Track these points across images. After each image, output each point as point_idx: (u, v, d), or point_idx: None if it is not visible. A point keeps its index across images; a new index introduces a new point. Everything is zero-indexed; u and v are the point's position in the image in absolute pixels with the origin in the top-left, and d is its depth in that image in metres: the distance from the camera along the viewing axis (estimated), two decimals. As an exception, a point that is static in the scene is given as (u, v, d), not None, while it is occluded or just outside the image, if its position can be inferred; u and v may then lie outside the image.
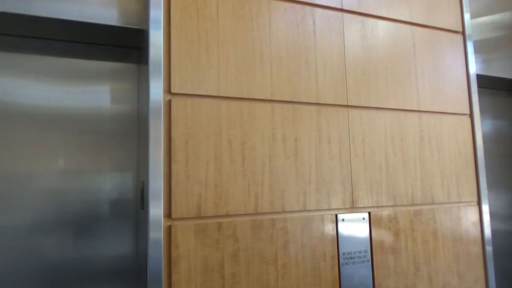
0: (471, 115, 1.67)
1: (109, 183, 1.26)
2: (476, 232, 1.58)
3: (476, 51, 1.88)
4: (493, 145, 2.10)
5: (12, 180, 1.15)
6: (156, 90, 1.11)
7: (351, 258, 1.31)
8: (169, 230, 1.09)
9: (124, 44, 1.29)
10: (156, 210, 1.07)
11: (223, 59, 1.22)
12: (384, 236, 1.38)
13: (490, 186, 2.03)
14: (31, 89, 1.20)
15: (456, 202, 1.55)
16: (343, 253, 1.30)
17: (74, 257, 1.20)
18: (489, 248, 1.59)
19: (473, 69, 1.72)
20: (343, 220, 1.31)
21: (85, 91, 1.26)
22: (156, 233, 1.07)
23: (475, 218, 1.59)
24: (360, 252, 1.33)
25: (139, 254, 1.24)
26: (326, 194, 1.30)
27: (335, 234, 1.30)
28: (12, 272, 1.14)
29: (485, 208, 1.62)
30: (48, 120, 1.21)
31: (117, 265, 1.26)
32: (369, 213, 1.37)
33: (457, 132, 1.61)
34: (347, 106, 1.39)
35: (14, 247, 1.14)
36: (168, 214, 1.09)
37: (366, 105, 1.42)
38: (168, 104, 1.14)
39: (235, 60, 1.24)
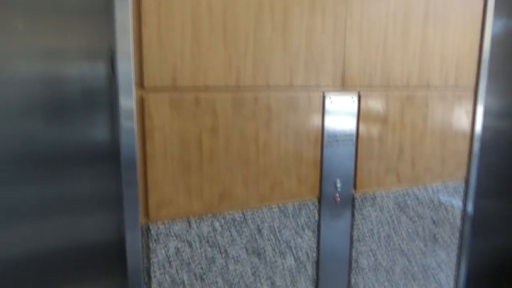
0: (485, -6, 1.50)
1: (79, 70, 1.15)
2: (467, 121, 1.54)
3: None
4: (504, 38, 1.95)
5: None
6: None
7: (336, 138, 1.28)
8: (141, 101, 1.02)
9: None
10: (126, 76, 0.98)
11: None
12: (372, 118, 1.33)
13: (490, 76, 1.93)
14: None
15: (452, 89, 1.47)
16: (328, 133, 1.26)
17: (46, 143, 1.15)
18: (477, 133, 1.57)
19: None
20: (330, 99, 1.24)
21: None
22: (127, 102, 1.00)
23: (469, 107, 1.54)
24: (345, 133, 1.29)
25: (115, 140, 1.20)
26: (315, 71, 1.21)
27: (321, 114, 1.24)
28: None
29: (481, 97, 1.55)
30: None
31: (93, 150, 1.22)
32: (359, 94, 1.29)
33: (466, 12, 1.46)
34: (347, -30, 1.21)
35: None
36: (140, 83, 1.01)
37: (369, -29, 1.24)
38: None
39: None
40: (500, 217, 2.23)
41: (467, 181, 1.59)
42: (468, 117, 1.55)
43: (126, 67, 0.99)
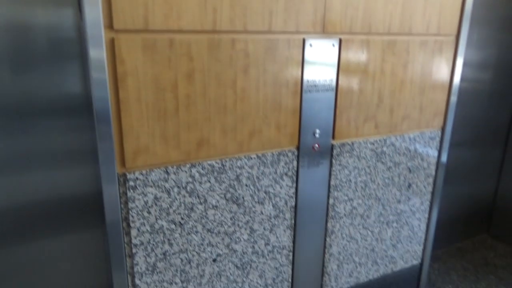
0: None
1: (46, 17, 1.08)
2: (446, 71, 1.55)
3: None
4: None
5: None
6: None
7: (315, 86, 1.27)
8: (112, 43, 0.97)
9: None
10: (94, 18, 0.92)
11: None
12: (352, 65, 1.32)
13: (472, 27, 1.92)
14: None
15: (434, 35, 1.46)
16: (307, 81, 1.25)
17: (17, 95, 1.10)
18: (456, 83, 1.58)
19: None
20: (311, 45, 1.21)
21: None
22: (97, 50, 0.95)
23: (449, 57, 1.54)
24: (325, 80, 1.28)
25: (87, 90, 1.15)
26: (295, 15, 1.17)
27: (301, 60, 1.22)
28: None
29: (462, 47, 1.55)
30: None
31: (65, 101, 1.18)
32: (340, 39, 1.27)
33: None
34: None
35: None
36: (110, 25, 0.95)
37: None
38: None
39: None
40: (471, 165, 2.32)
41: (443, 130, 1.63)
42: (448, 66, 1.55)
43: (94, 10, 0.93)
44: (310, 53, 1.22)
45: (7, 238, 1.21)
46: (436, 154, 1.65)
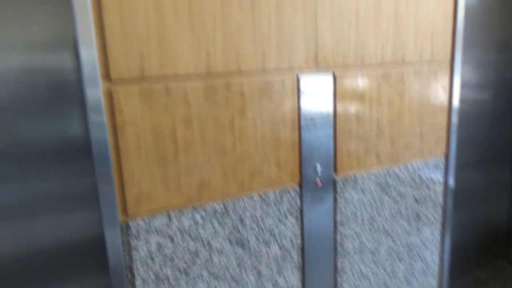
0: (455, -36, 1.55)
1: (45, 63, 1.14)
2: (444, 95, 1.61)
3: None
4: (478, 7, 2.02)
5: None
6: None
7: (313, 120, 1.32)
8: (110, 94, 1.02)
9: None
10: (91, 67, 0.99)
11: None
12: (348, 98, 1.38)
13: (465, 47, 2.01)
14: None
15: (428, 62, 1.53)
16: (305, 116, 1.30)
17: (15, 140, 1.14)
18: (455, 106, 1.64)
19: None
20: (305, 81, 1.28)
21: None
22: (95, 95, 1.01)
23: (446, 81, 1.60)
24: (322, 114, 1.33)
25: (88, 135, 1.20)
26: (287, 53, 1.24)
27: (296, 96, 1.28)
28: None
29: (457, 69, 1.62)
30: None
31: (66, 146, 1.22)
32: (334, 74, 1.33)
33: (438, -15, 1.51)
34: None
35: None
36: (107, 75, 1.01)
37: None
38: None
39: None
40: (480, 188, 2.35)
41: (446, 156, 1.67)
42: (445, 91, 1.61)
43: (90, 58, 1.00)
44: (305, 89, 1.28)
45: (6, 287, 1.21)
46: (442, 181, 1.68)
